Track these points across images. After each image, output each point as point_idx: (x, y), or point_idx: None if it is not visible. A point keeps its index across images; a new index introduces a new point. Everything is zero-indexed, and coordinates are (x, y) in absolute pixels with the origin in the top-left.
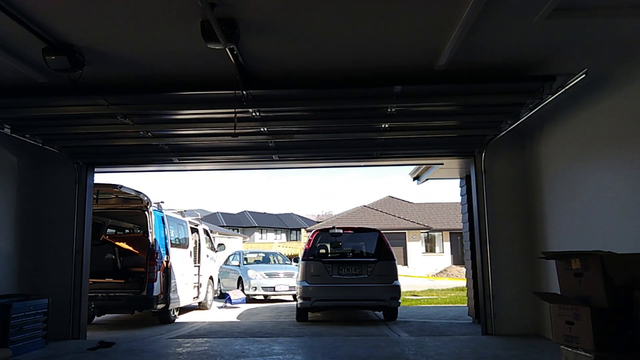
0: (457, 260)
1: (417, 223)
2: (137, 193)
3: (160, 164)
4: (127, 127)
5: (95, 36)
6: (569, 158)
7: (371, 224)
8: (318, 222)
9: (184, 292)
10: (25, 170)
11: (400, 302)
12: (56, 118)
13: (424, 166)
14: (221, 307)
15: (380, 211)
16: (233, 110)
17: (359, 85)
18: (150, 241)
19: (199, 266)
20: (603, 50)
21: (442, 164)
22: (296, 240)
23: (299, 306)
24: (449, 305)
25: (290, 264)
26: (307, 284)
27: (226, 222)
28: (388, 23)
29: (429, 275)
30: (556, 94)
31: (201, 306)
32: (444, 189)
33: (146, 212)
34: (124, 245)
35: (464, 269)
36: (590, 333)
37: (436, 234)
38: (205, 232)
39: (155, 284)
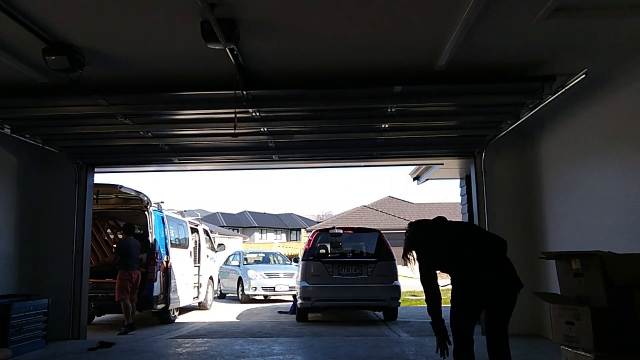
0: None
1: None
2: (137, 193)
3: (160, 164)
4: (127, 127)
5: (95, 36)
6: (569, 158)
7: (371, 224)
8: (318, 222)
9: (184, 292)
10: (25, 170)
11: (400, 302)
12: (56, 118)
13: (424, 166)
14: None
15: (380, 211)
16: (233, 110)
17: (359, 85)
18: (150, 241)
19: (199, 266)
20: (603, 50)
21: (442, 164)
22: (296, 240)
23: (299, 306)
24: (449, 305)
25: (290, 264)
26: (307, 284)
27: (226, 222)
28: (388, 23)
29: None
30: (556, 94)
31: (201, 306)
32: (444, 189)
33: (146, 212)
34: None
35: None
36: (590, 333)
37: None
38: (205, 232)
39: (155, 284)
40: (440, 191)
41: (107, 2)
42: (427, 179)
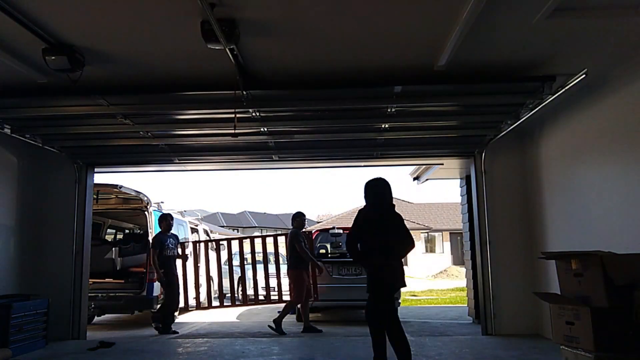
0: (457, 260)
1: (417, 223)
2: (137, 193)
3: (160, 164)
4: (127, 127)
5: (95, 36)
6: (569, 158)
7: None
8: (318, 222)
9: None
10: (25, 170)
11: (400, 302)
12: (56, 118)
13: (424, 166)
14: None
15: None
16: (233, 110)
17: (359, 85)
18: (150, 241)
19: (199, 266)
20: (603, 50)
21: (442, 164)
22: None
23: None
24: (449, 305)
25: None
26: None
27: (226, 222)
28: (388, 23)
29: (428, 276)
30: (556, 94)
31: (201, 306)
32: (444, 189)
33: (146, 212)
34: None
35: (464, 269)
36: (590, 333)
37: (436, 234)
38: (205, 232)
39: (155, 284)
40: (440, 191)
41: (107, 2)
42: (427, 179)
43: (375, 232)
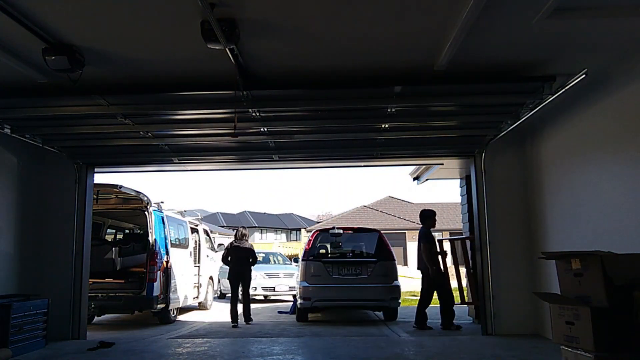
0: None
1: (417, 223)
2: (137, 193)
3: (160, 164)
4: (127, 127)
5: (95, 36)
6: (569, 158)
7: (371, 224)
8: (318, 222)
9: (184, 292)
10: (25, 170)
11: (400, 302)
12: (56, 118)
13: (424, 166)
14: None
15: (380, 211)
16: (233, 110)
17: (359, 85)
18: (150, 241)
19: (199, 266)
20: (603, 50)
21: (442, 164)
22: (296, 240)
23: (299, 306)
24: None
25: (290, 264)
26: (307, 284)
27: (226, 222)
28: (388, 23)
29: None
30: (556, 94)
31: (201, 306)
32: (444, 189)
33: (146, 212)
34: None
35: (464, 269)
36: (590, 333)
37: (436, 234)
38: (205, 232)
39: (155, 284)
40: (440, 191)
41: (107, 2)
42: (427, 179)
43: (235, 254)
